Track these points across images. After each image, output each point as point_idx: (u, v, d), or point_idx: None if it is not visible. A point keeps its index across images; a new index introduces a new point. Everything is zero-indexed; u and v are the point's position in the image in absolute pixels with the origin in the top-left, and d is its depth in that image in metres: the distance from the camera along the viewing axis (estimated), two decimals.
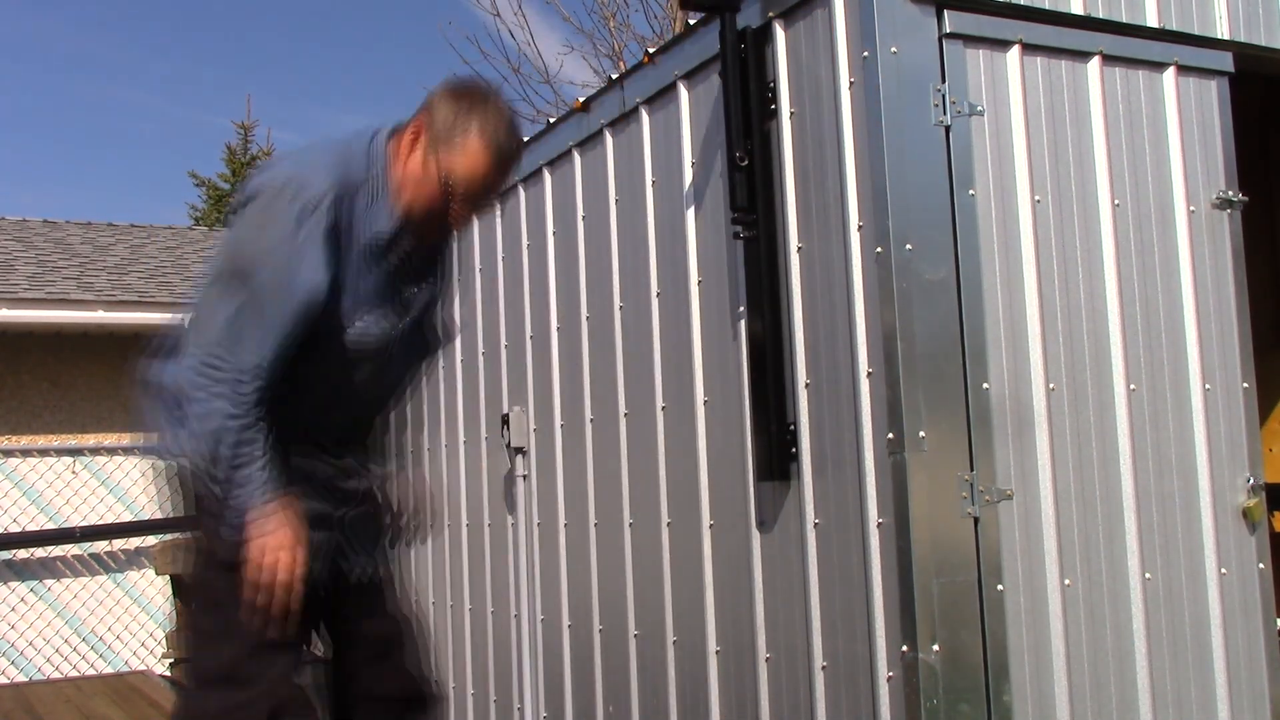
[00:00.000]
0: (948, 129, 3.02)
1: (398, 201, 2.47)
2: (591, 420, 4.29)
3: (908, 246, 2.92)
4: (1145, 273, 3.33)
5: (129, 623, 8.33)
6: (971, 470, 2.93)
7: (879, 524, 2.93)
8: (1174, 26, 3.46)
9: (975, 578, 2.90)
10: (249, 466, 2.31)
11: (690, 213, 3.73)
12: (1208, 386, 3.38)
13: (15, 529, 8.14)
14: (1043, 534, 3.04)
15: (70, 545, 8.23)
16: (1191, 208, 3.43)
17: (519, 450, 4.79)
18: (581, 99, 4.39)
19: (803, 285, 3.25)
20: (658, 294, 3.90)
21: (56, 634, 8.14)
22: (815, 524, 3.17)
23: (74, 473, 8.41)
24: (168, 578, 7.08)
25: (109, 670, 7.93)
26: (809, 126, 3.23)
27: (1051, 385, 3.11)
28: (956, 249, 3.00)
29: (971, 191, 3.04)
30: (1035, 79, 3.23)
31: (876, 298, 2.96)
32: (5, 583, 8.07)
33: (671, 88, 3.82)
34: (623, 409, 4.10)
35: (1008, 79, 3.18)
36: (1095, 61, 3.33)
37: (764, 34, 3.38)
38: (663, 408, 3.87)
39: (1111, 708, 3.09)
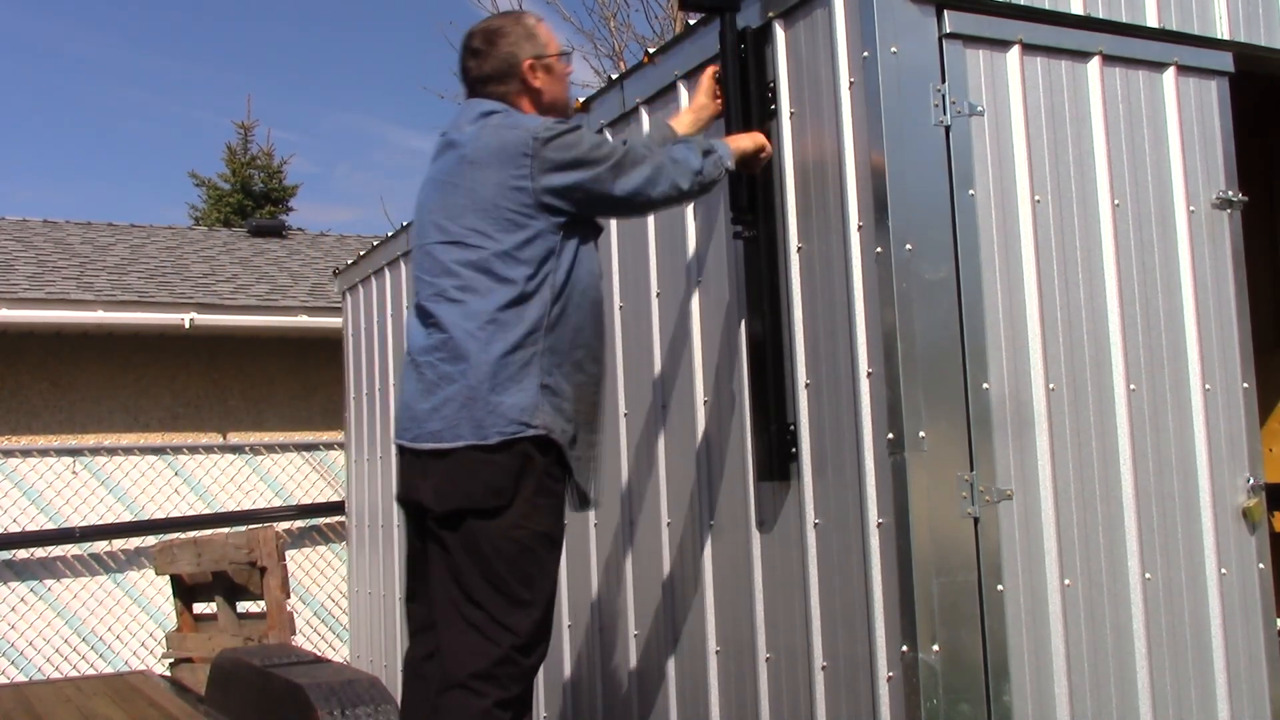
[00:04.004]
0: (948, 129, 3.02)
1: (561, 112, 3.10)
2: None
3: (908, 246, 2.92)
4: (1145, 273, 3.33)
5: (129, 623, 8.32)
6: (971, 470, 2.93)
7: (879, 524, 2.93)
8: (1174, 26, 3.46)
9: (975, 578, 2.90)
10: (703, 157, 3.01)
11: (690, 213, 3.73)
12: (1208, 386, 3.38)
13: (15, 529, 8.14)
14: (1043, 534, 3.04)
15: (70, 545, 8.22)
16: (1191, 208, 3.44)
17: None
18: (581, 99, 4.39)
19: (803, 285, 3.25)
20: (658, 294, 3.90)
21: (56, 634, 8.13)
22: (815, 524, 3.17)
23: (74, 473, 8.40)
24: (168, 578, 7.07)
25: (109, 670, 7.92)
26: (809, 126, 3.23)
27: (1051, 385, 3.11)
28: (956, 249, 3.00)
29: (971, 191, 3.04)
30: (1035, 79, 3.23)
31: (876, 298, 2.96)
32: (5, 583, 8.07)
33: (671, 88, 3.82)
34: (623, 409, 4.10)
35: (1008, 79, 3.18)
36: (1095, 61, 3.33)
37: (764, 34, 3.38)
38: (663, 408, 3.87)
39: (1111, 708, 3.09)
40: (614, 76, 4.21)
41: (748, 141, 3.22)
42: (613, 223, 4.15)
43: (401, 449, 2.90)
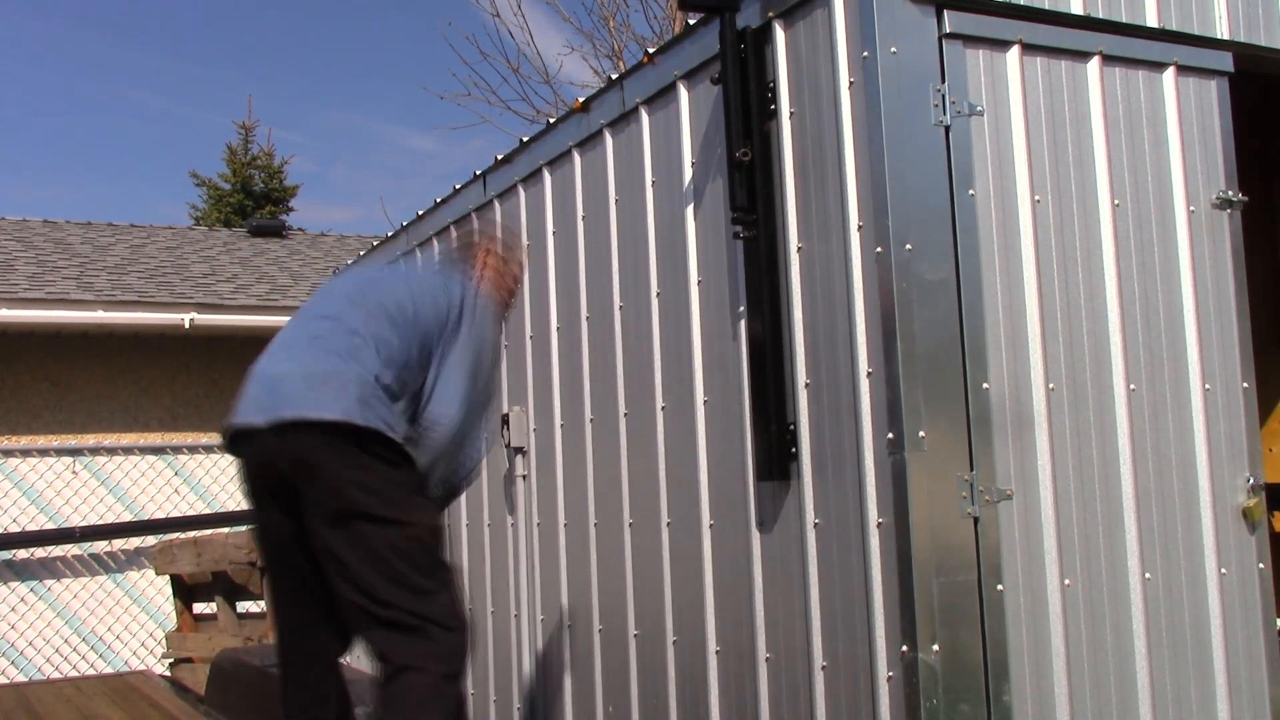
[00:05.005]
0: (948, 129, 3.02)
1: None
2: (591, 420, 4.29)
3: (908, 246, 2.92)
4: (1145, 273, 3.33)
5: (129, 623, 8.33)
6: (971, 470, 2.93)
7: (879, 524, 2.93)
8: (1174, 26, 3.47)
9: (975, 578, 2.90)
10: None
11: (690, 213, 3.73)
12: (1208, 386, 3.38)
13: (15, 529, 8.14)
14: (1043, 534, 3.04)
15: (70, 545, 8.23)
16: (1191, 208, 3.44)
17: (519, 450, 4.79)
18: (581, 99, 4.39)
19: (803, 285, 3.25)
20: (658, 294, 3.90)
21: (56, 634, 8.14)
22: (815, 524, 3.17)
23: (74, 473, 8.41)
24: (168, 578, 7.07)
25: (109, 670, 7.93)
26: (809, 126, 3.23)
27: (1051, 385, 3.11)
28: (956, 249, 3.00)
29: (971, 191, 3.04)
30: (1035, 79, 3.23)
31: (876, 298, 2.96)
32: (5, 583, 8.07)
33: (671, 88, 3.82)
34: (623, 409, 4.10)
35: (1008, 79, 3.18)
36: (1095, 61, 3.33)
37: (764, 34, 3.38)
38: (663, 408, 3.87)
39: (1111, 708, 3.09)
40: (614, 76, 4.20)
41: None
42: (613, 223, 4.15)
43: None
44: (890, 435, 2.89)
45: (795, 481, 3.24)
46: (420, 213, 5.79)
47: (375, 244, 6.59)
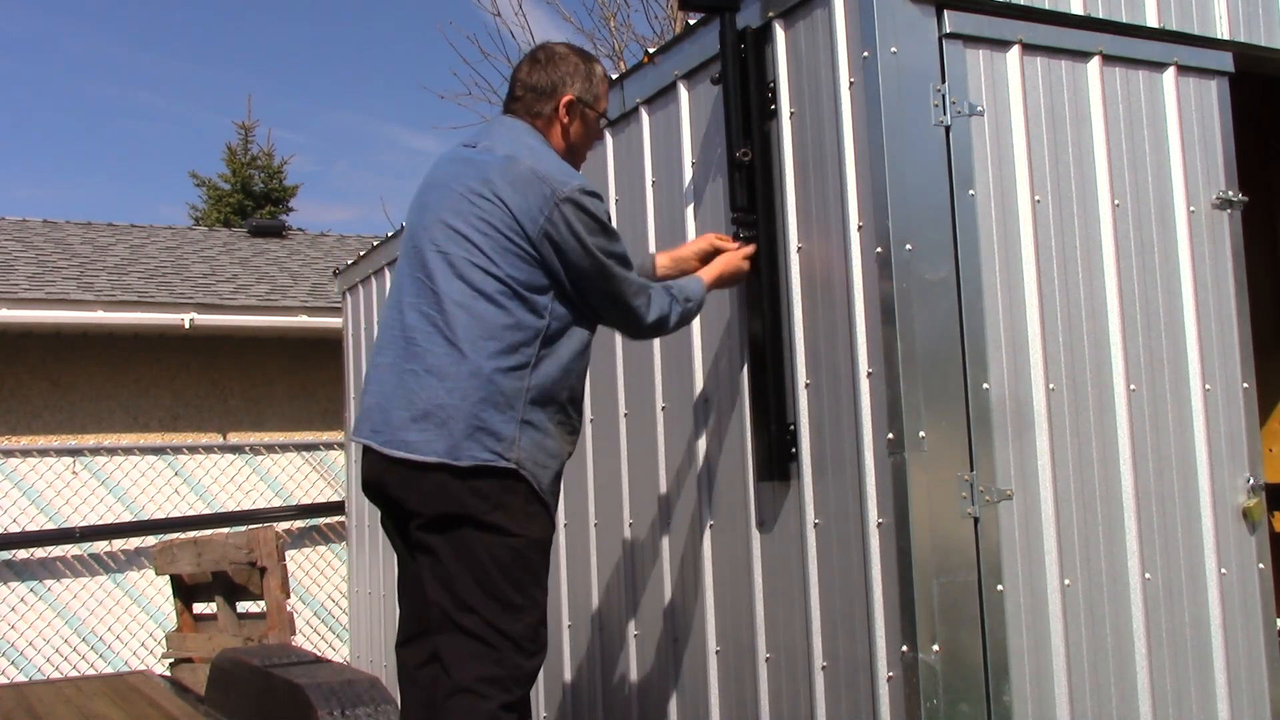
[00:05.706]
0: (948, 129, 3.02)
1: (574, 162, 3.09)
2: (592, 420, 4.29)
3: (908, 246, 2.92)
4: (1145, 273, 3.33)
5: (129, 623, 8.32)
6: (971, 470, 2.93)
7: (879, 524, 2.93)
8: (1174, 26, 3.47)
9: (975, 578, 2.90)
10: (684, 304, 3.12)
11: (690, 213, 3.74)
12: (1208, 386, 3.38)
13: (15, 529, 8.13)
14: (1043, 534, 3.04)
15: (70, 545, 8.21)
16: (1191, 208, 3.44)
17: None
18: None
19: (803, 285, 3.25)
20: None
21: (56, 634, 8.13)
22: (815, 524, 3.17)
23: (74, 473, 8.40)
24: (168, 578, 7.06)
25: (109, 670, 7.92)
26: (809, 126, 3.24)
27: (1051, 385, 3.11)
28: (956, 249, 3.00)
29: (971, 191, 3.04)
30: (1035, 79, 3.23)
31: (876, 298, 2.96)
32: (5, 583, 8.06)
33: (671, 88, 3.83)
34: (623, 409, 4.10)
35: (1008, 79, 3.18)
36: (1095, 61, 3.33)
37: (764, 34, 3.38)
38: (663, 408, 3.87)
39: (1111, 708, 3.09)
40: (614, 76, 4.20)
41: (721, 272, 3.30)
42: (613, 221, 4.14)
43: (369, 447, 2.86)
44: (890, 435, 2.89)
45: (795, 481, 3.24)
46: None
47: (375, 244, 6.59)
